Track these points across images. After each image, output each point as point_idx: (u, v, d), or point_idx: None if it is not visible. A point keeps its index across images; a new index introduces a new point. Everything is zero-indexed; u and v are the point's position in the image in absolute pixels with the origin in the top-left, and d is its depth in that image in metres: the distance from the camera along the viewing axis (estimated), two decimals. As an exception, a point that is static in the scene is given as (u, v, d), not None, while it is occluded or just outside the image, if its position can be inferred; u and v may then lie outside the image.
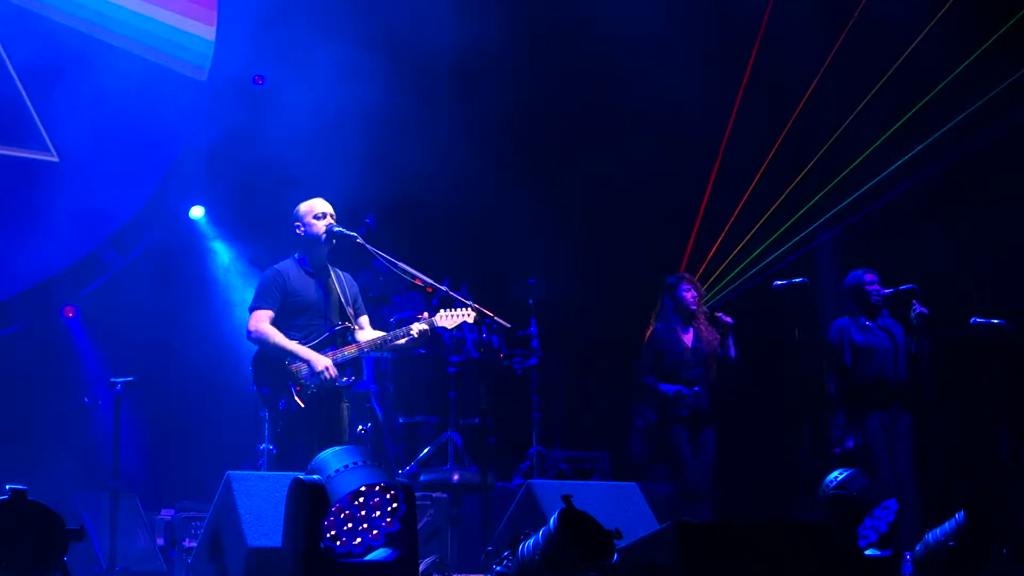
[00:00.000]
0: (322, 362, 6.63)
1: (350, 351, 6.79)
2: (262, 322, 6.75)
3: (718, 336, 8.39)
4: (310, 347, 6.73)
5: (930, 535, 6.65)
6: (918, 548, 6.72)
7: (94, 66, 9.79)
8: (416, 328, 6.80)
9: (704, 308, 8.48)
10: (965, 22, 9.53)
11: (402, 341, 6.85)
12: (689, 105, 10.17)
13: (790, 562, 5.50)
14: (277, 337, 6.70)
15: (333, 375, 6.63)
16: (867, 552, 6.40)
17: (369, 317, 7.13)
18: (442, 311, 6.93)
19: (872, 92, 9.77)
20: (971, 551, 6.48)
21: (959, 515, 6.54)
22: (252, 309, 6.83)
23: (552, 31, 10.70)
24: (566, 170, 11.00)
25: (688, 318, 8.36)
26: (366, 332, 6.94)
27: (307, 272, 6.90)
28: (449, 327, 6.92)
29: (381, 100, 9.97)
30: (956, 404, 9.24)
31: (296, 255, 6.95)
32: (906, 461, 8.12)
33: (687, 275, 8.64)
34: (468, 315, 6.88)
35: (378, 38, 10.00)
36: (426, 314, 6.94)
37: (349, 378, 6.81)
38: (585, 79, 10.76)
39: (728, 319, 8.38)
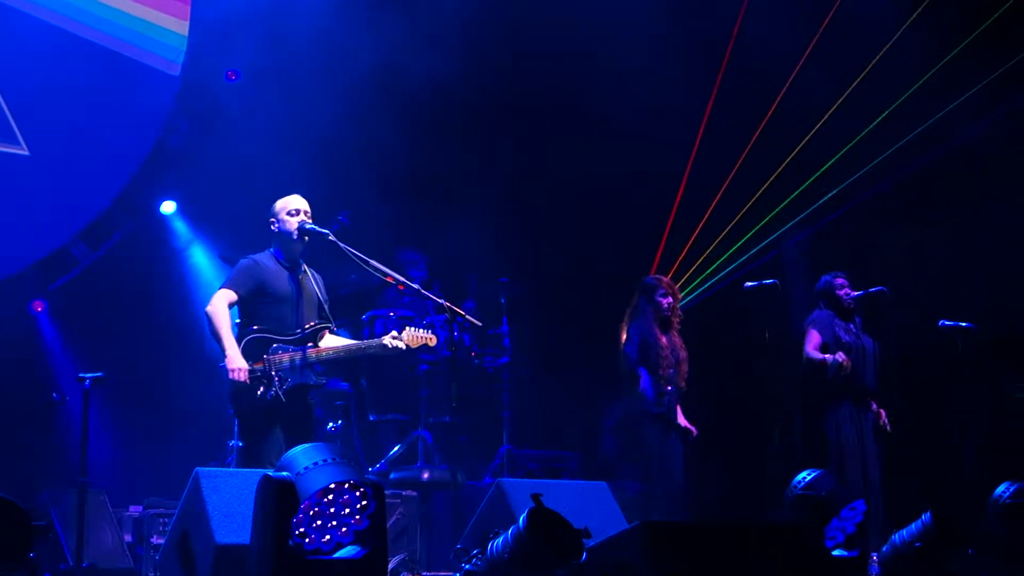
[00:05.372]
0: (237, 366, 6.60)
1: (327, 353, 6.82)
2: (221, 302, 6.75)
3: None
4: (289, 342, 6.74)
5: (897, 536, 6.70)
6: (885, 549, 6.78)
7: (65, 59, 9.73)
8: (389, 341, 6.85)
9: (679, 313, 8.49)
10: (937, 26, 9.60)
11: (372, 351, 6.94)
12: (662, 105, 10.19)
13: (758, 562, 5.53)
14: (220, 322, 6.68)
15: (242, 379, 6.60)
16: (834, 552, 6.44)
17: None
18: (409, 329, 6.98)
19: (844, 96, 9.83)
20: (937, 552, 6.53)
21: (925, 516, 6.60)
22: (220, 286, 6.87)
23: (527, 30, 10.69)
24: (539, 170, 11.01)
25: (662, 323, 8.37)
26: (329, 339, 6.97)
27: (283, 266, 6.91)
28: (414, 346, 6.95)
29: (353, 95, 9.96)
30: (922, 406, 9.31)
31: (272, 249, 6.96)
32: (874, 463, 8.16)
33: (665, 279, 8.62)
34: (430, 339, 6.94)
35: (350, 34, 9.97)
36: (394, 332, 6.95)
37: (323, 378, 6.85)
38: (559, 78, 10.76)
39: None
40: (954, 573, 6.62)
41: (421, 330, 6.99)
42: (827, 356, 8.19)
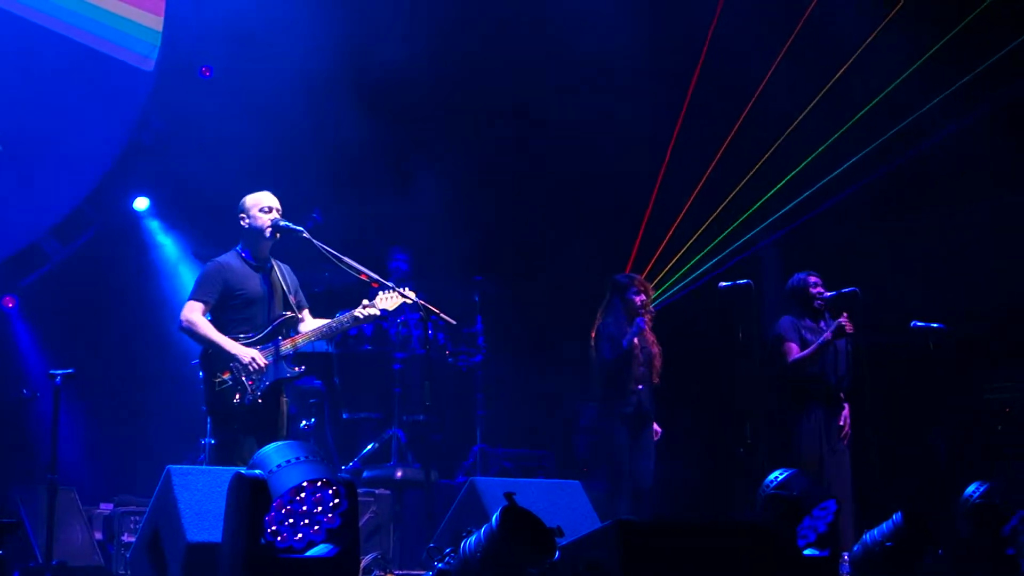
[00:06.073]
0: (248, 354, 6.58)
1: (300, 340, 6.77)
2: (193, 312, 6.68)
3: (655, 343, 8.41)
4: (255, 339, 6.68)
5: (867, 535, 6.74)
6: (856, 548, 6.81)
7: (38, 53, 9.65)
8: (360, 312, 6.78)
9: (651, 310, 8.50)
10: (911, 28, 9.65)
11: (348, 324, 6.85)
12: (638, 105, 10.22)
13: (729, 561, 5.55)
14: (205, 328, 6.64)
15: (261, 365, 6.57)
16: (805, 552, 6.46)
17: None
18: (381, 293, 6.89)
19: (817, 97, 9.87)
20: (908, 552, 6.57)
21: (896, 516, 6.64)
22: (187, 299, 6.78)
23: (501, 28, 10.70)
24: (514, 168, 11.02)
25: (634, 320, 8.38)
26: (309, 322, 6.92)
27: (250, 265, 6.84)
28: (390, 308, 6.88)
29: (326, 94, 9.93)
30: (894, 406, 9.36)
31: (239, 247, 6.89)
32: (844, 462, 8.19)
33: (637, 277, 8.64)
34: (407, 296, 6.84)
35: (324, 29, 9.95)
36: (366, 300, 6.89)
37: (300, 367, 6.78)
38: (536, 78, 10.77)
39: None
40: (925, 572, 6.66)
41: (401, 289, 6.87)
42: (823, 337, 8.14)
